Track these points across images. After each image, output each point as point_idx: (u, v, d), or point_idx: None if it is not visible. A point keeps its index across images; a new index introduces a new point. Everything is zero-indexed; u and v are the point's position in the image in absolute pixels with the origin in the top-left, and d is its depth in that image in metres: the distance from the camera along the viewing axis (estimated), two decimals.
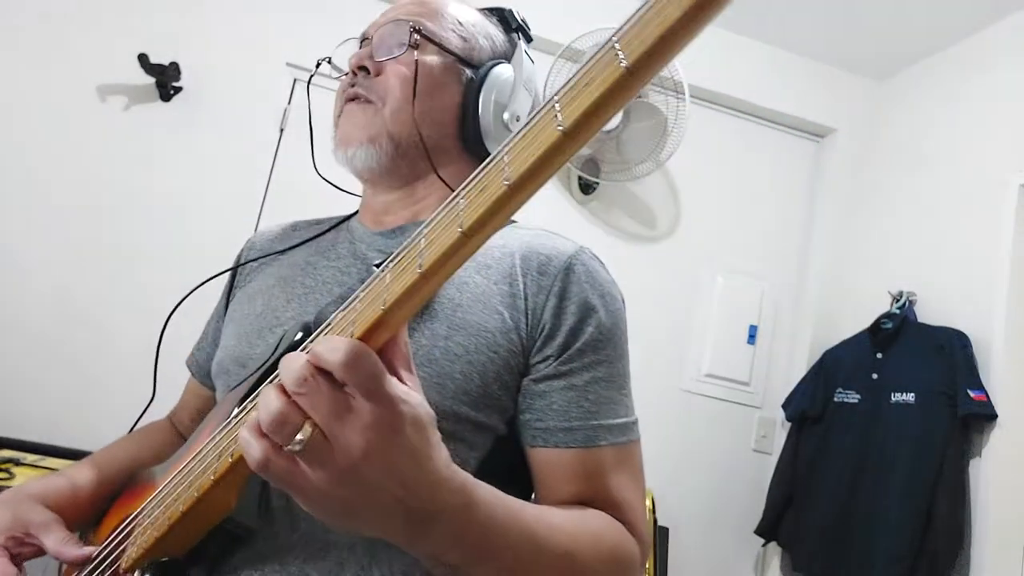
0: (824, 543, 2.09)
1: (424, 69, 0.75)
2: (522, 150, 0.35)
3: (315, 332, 0.48)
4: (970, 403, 1.86)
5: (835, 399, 2.24)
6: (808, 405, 2.29)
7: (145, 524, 0.59)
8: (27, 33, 2.08)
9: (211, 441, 0.54)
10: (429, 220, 0.40)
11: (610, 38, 0.33)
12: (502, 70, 0.80)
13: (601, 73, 0.33)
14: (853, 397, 2.19)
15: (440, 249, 0.37)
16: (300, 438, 0.39)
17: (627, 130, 2.32)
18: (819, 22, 2.43)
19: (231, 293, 0.87)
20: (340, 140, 0.77)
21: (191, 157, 2.16)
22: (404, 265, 0.40)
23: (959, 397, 1.88)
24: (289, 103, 2.27)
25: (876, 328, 2.20)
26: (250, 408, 0.50)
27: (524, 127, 0.36)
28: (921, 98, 2.48)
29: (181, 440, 0.87)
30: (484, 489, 0.50)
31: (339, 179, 0.84)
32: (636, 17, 0.32)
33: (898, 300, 2.21)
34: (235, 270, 0.88)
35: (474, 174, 0.39)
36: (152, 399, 0.85)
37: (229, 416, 0.55)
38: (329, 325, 0.46)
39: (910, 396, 2.01)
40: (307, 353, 0.40)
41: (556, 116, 0.34)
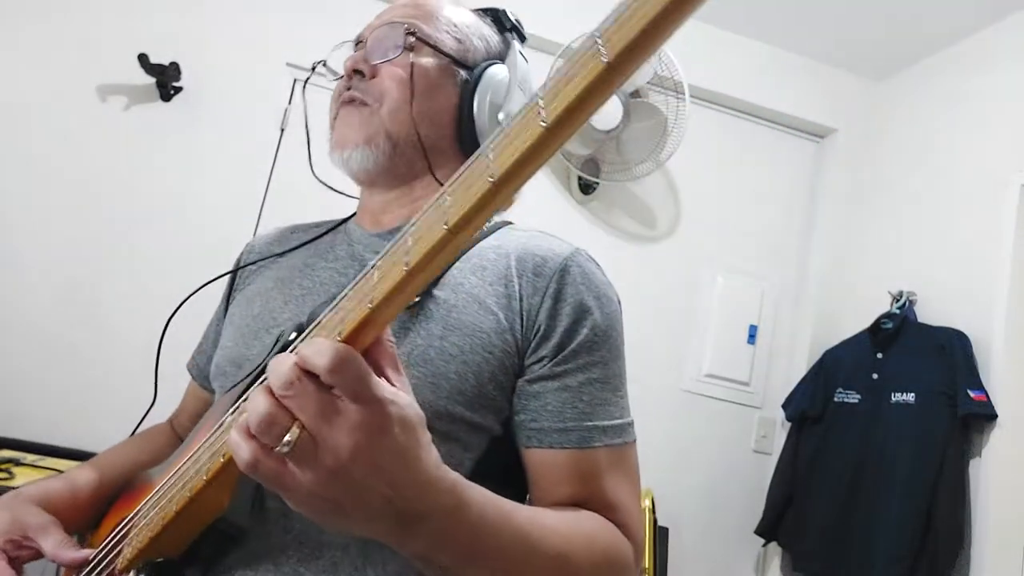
0: (824, 543, 2.09)
1: (419, 71, 0.75)
2: (506, 146, 0.35)
3: (304, 332, 0.48)
4: (970, 403, 1.86)
5: (835, 399, 2.24)
6: (808, 405, 2.29)
7: (140, 524, 0.59)
8: (27, 33, 2.08)
9: (205, 442, 0.54)
10: (416, 217, 0.41)
11: (593, 33, 0.33)
12: (497, 70, 0.80)
13: (583, 69, 0.33)
14: (853, 397, 2.19)
15: (426, 246, 0.38)
16: (288, 439, 0.39)
17: (627, 130, 2.32)
18: (819, 22, 2.43)
19: (231, 296, 0.88)
20: (336, 143, 0.77)
21: (191, 157, 2.16)
22: (391, 262, 0.40)
23: (959, 397, 1.88)
24: (289, 103, 2.28)
25: (876, 328, 2.20)
26: (242, 409, 0.51)
27: (509, 123, 0.36)
28: (921, 98, 2.48)
29: (180, 443, 0.87)
30: (476, 490, 0.50)
31: (337, 181, 0.84)
32: (617, 12, 0.32)
33: (898, 300, 2.21)
34: (235, 273, 0.88)
35: (460, 170, 0.39)
36: (153, 402, 0.85)
37: (223, 417, 0.55)
38: (318, 324, 0.46)
39: (910, 396, 2.01)
40: (294, 355, 0.40)
41: (539, 112, 0.34)
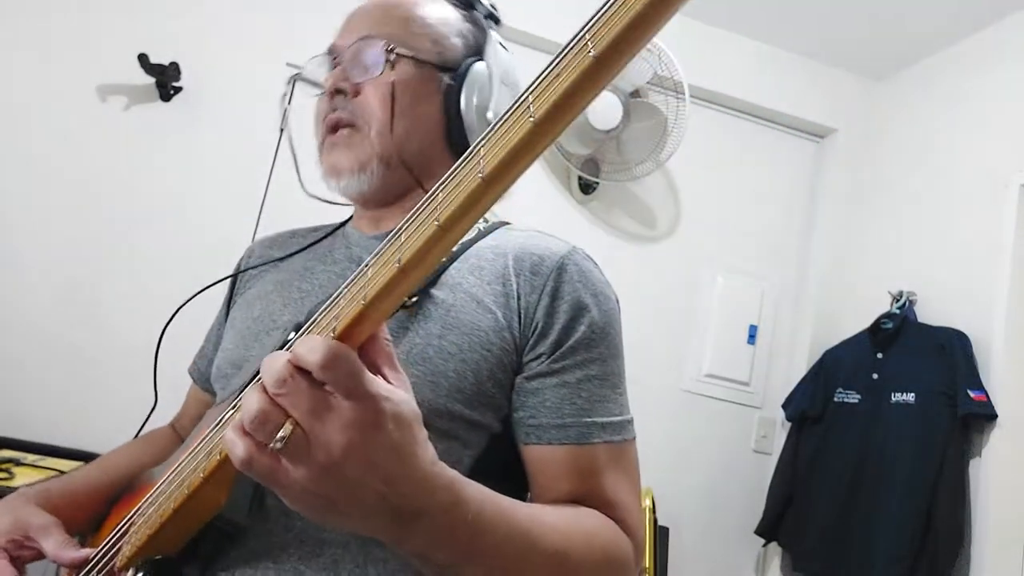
0: (824, 543, 2.09)
1: (402, 86, 0.74)
2: (496, 143, 0.36)
3: (302, 330, 0.49)
4: (970, 403, 1.86)
5: (835, 399, 2.24)
6: (808, 405, 2.29)
7: (139, 523, 0.59)
8: (27, 33, 2.08)
9: (202, 440, 0.55)
10: (409, 215, 0.41)
11: (582, 28, 0.33)
12: (479, 69, 0.78)
13: (571, 64, 0.33)
14: (853, 397, 2.19)
15: (418, 243, 0.38)
16: (281, 435, 0.39)
17: (627, 130, 2.32)
18: (819, 22, 2.43)
19: (231, 300, 0.88)
20: (330, 170, 0.76)
21: (191, 157, 2.16)
22: (384, 260, 0.41)
23: (959, 397, 1.88)
24: (289, 103, 2.27)
25: (876, 328, 2.20)
26: (238, 406, 0.51)
27: (499, 120, 0.36)
28: (921, 98, 2.48)
29: (182, 444, 0.88)
30: (473, 487, 0.50)
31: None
32: (605, 6, 0.32)
33: (898, 300, 2.21)
34: (235, 277, 0.89)
35: (452, 168, 0.39)
36: (154, 407, 0.86)
37: (220, 416, 0.55)
38: (314, 322, 0.46)
39: (910, 396, 2.01)
40: (287, 353, 0.41)
41: (529, 108, 0.34)
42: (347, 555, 0.61)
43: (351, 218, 0.86)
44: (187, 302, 0.83)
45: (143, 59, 2.05)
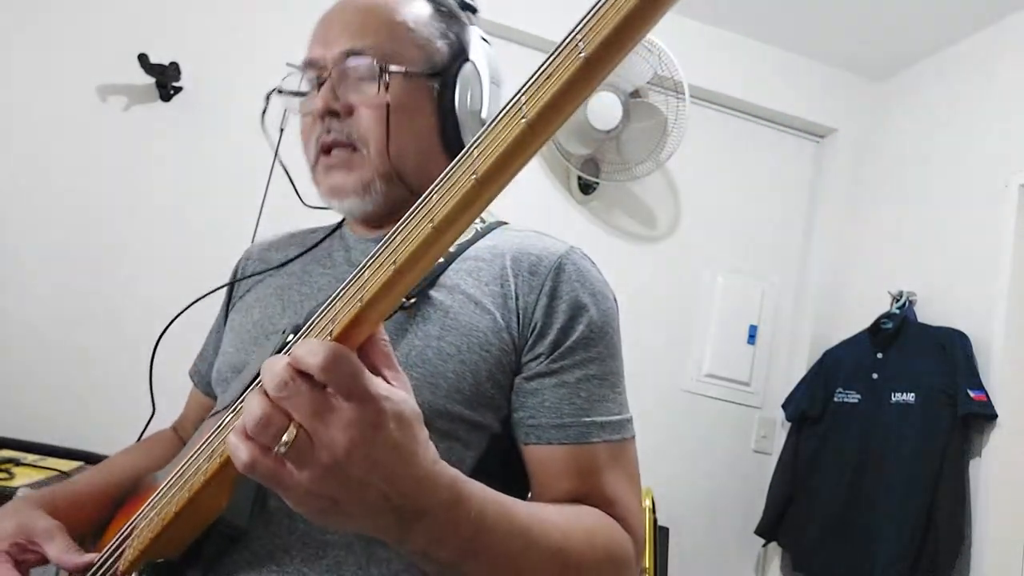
0: (824, 543, 2.09)
1: (397, 103, 0.72)
2: (489, 144, 0.36)
3: (301, 331, 0.49)
4: (970, 403, 1.86)
5: (835, 399, 2.24)
6: (808, 405, 2.29)
7: (142, 526, 0.59)
8: (27, 33, 2.08)
9: (203, 443, 0.55)
10: (405, 216, 0.41)
11: (573, 29, 0.33)
12: (468, 72, 0.77)
13: (562, 65, 0.33)
14: (853, 397, 2.19)
15: (413, 245, 0.38)
16: (285, 439, 0.39)
17: (627, 130, 2.32)
18: (819, 22, 2.43)
19: (230, 304, 0.88)
20: (331, 192, 0.75)
21: (191, 157, 2.16)
22: (380, 261, 0.41)
23: (959, 397, 1.88)
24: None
25: (876, 328, 2.20)
26: (239, 410, 0.51)
27: (493, 122, 0.36)
28: (921, 98, 2.48)
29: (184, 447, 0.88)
30: (474, 486, 0.50)
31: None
32: (596, 7, 0.32)
33: (898, 300, 2.21)
34: (233, 281, 0.89)
35: (447, 169, 0.39)
36: (152, 415, 0.86)
37: (221, 419, 0.56)
38: (312, 324, 0.46)
39: (910, 396, 2.01)
40: (287, 356, 0.41)
41: (521, 109, 0.34)
42: (350, 556, 0.61)
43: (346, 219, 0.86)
44: (179, 315, 0.82)
45: (143, 59, 2.05)
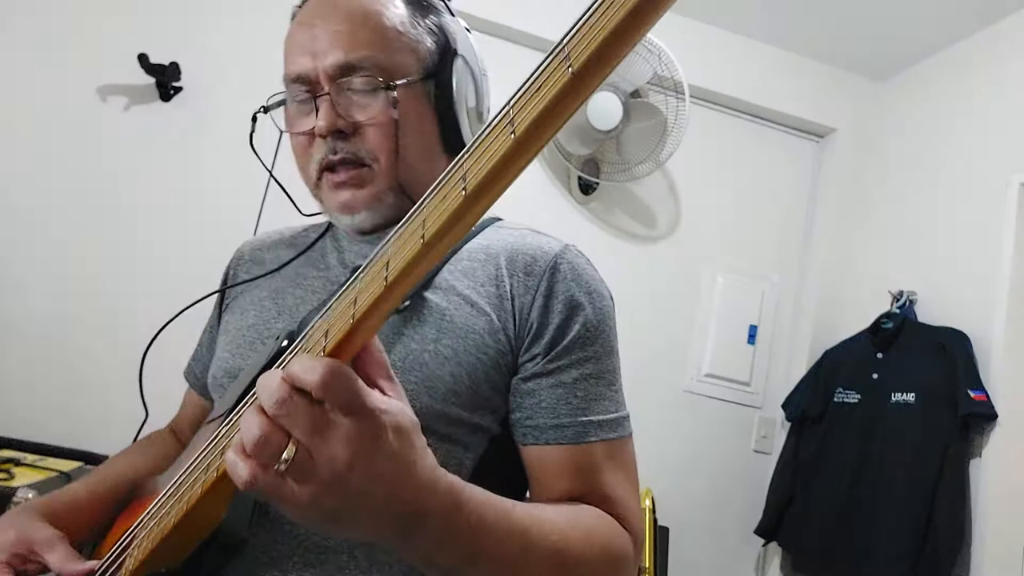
0: (824, 543, 2.09)
1: (403, 117, 0.71)
2: (479, 158, 0.36)
3: (294, 343, 0.49)
4: (970, 403, 1.86)
5: (835, 399, 2.24)
6: (808, 405, 2.29)
7: (141, 536, 0.59)
8: (27, 33, 2.08)
9: (200, 454, 0.55)
10: (396, 229, 0.41)
11: (560, 41, 0.33)
12: (460, 70, 0.76)
13: (550, 78, 0.33)
14: (853, 397, 2.19)
15: (404, 260, 0.38)
16: (285, 456, 0.39)
17: (627, 130, 2.32)
18: (819, 22, 2.43)
19: (223, 304, 0.87)
20: (341, 208, 0.73)
21: (191, 157, 2.16)
22: (372, 275, 0.41)
23: (959, 397, 1.88)
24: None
25: (876, 328, 2.20)
26: (235, 423, 0.51)
27: (482, 133, 0.36)
28: (921, 98, 2.48)
29: (182, 450, 0.87)
30: (473, 491, 0.50)
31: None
32: (583, 20, 0.32)
33: (898, 300, 2.21)
34: (225, 282, 0.89)
35: (437, 181, 0.39)
36: (145, 419, 0.86)
37: (217, 430, 0.56)
38: (305, 336, 0.46)
39: (910, 396, 2.01)
40: (283, 372, 0.41)
41: (511, 123, 0.34)
42: (352, 562, 0.61)
43: None
44: (170, 322, 0.82)
45: (143, 59, 2.05)
